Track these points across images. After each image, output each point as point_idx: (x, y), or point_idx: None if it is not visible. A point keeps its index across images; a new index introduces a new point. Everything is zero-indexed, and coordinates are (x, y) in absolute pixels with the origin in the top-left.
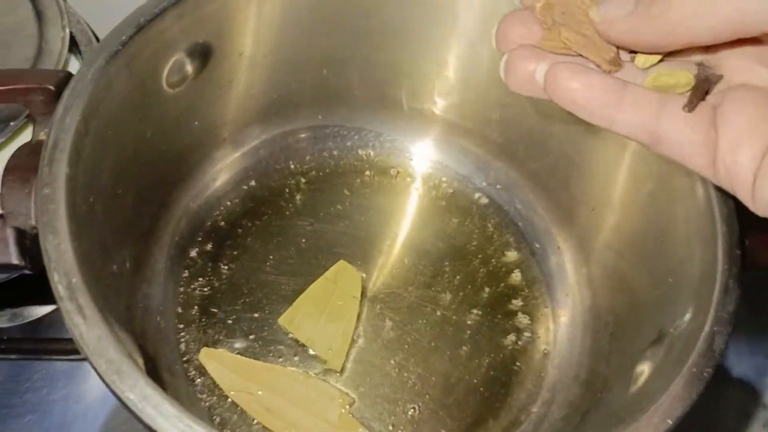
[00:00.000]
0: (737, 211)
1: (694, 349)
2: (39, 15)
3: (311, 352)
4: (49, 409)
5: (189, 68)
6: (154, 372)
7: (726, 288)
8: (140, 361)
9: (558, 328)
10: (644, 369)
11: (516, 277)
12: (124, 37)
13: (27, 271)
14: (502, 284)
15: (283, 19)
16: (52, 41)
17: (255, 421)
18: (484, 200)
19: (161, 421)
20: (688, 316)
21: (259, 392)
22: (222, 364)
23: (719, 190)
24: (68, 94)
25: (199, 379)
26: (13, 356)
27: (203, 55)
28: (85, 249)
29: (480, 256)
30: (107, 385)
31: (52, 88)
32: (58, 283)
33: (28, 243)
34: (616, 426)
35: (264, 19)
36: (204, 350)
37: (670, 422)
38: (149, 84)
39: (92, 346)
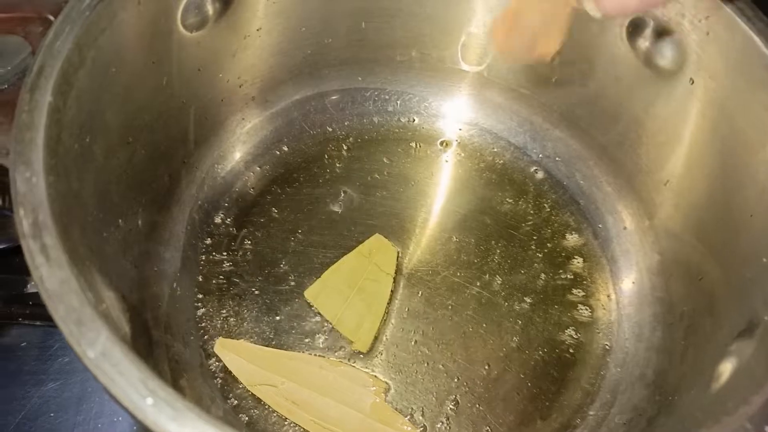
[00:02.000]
0: None
1: None
2: None
3: (338, 331)
4: (70, 379)
5: (209, 9)
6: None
7: None
8: (125, 327)
9: (622, 321)
10: (729, 366)
11: (577, 263)
12: None
13: (6, 212)
14: (561, 271)
15: None
16: None
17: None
18: (541, 174)
19: (120, 382)
20: None
21: (283, 384)
22: (240, 355)
23: None
24: (60, 20)
25: (214, 354)
26: (38, 323)
27: None
28: (70, 190)
29: (535, 237)
30: (65, 337)
31: (51, 17)
32: (23, 218)
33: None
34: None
35: None
36: (219, 341)
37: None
38: (162, 22)
39: (52, 290)
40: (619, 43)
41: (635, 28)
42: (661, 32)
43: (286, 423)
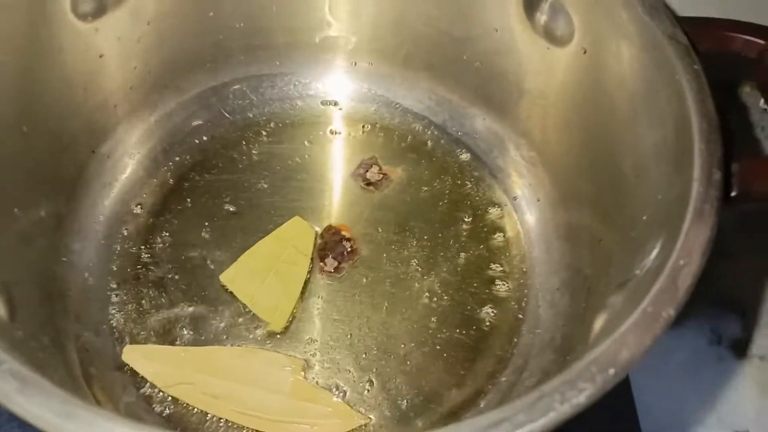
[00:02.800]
0: (723, 131)
1: (653, 288)
2: None
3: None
4: None
5: None
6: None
7: (700, 213)
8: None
9: (535, 290)
10: (603, 318)
11: (498, 238)
12: None
13: None
14: (481, 246)
15: None
16: None
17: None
18: (463, 155)
19: None
20: (655, 252)
21: (199, 380)
22: (149, 358)
23: (698, 103)
24: None
25: (128, 341)
26: None
27: None
28: None
29: (456, 213)
30: None
31: None
32: None
33: None
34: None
35: None
36: (127, 347)
37: (613, 371)
38: (49, 8)
39: None
40: (520, 19)
41: (531, 2)
42: (556, 4)
43: (207, 417)
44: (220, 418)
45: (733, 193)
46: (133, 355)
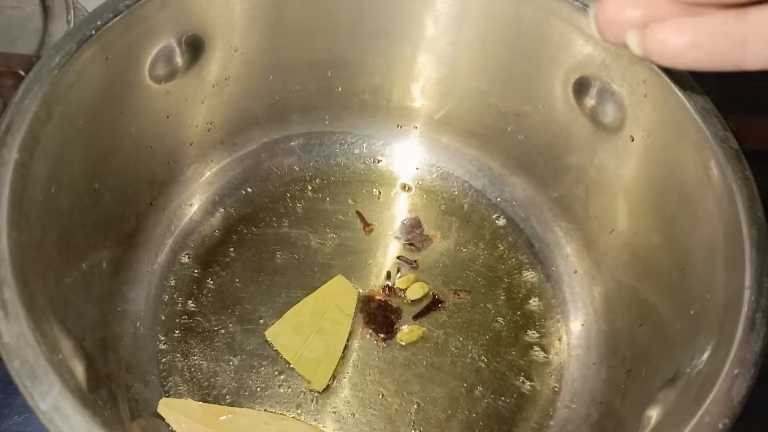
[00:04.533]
0: None
1: (710, 394)
2: (46, 9)
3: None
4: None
5: (179, 61)
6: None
7: (752, 323)
8: (81, 375)
9: (571, 362)
10: (654, 413)
11: (534, 303)
12: (98, 22)
13: None
14: (518, 312)
15: (277, 15)
16: (55, 34)
17: None
18: (500, 220)
19: None
20: (707, 355)
21: None
22: (183, 413)
23: (749, 210)
24: (30, 78)
25: (173, 393)
26: None
27: (193, 47)
28: (32, 241)
29: (495, 278)
30: (20, 390)
31: (22, 73)
32: None
33: None
34: None
35: (254, 13)
36: (163, 401)
37: None
38: (131, 75)
39: (8, 344)
40: (568, 100)
41: (581, 87)
42: (604, 92)
43: None
44: None
45: None
46: (168, 409)
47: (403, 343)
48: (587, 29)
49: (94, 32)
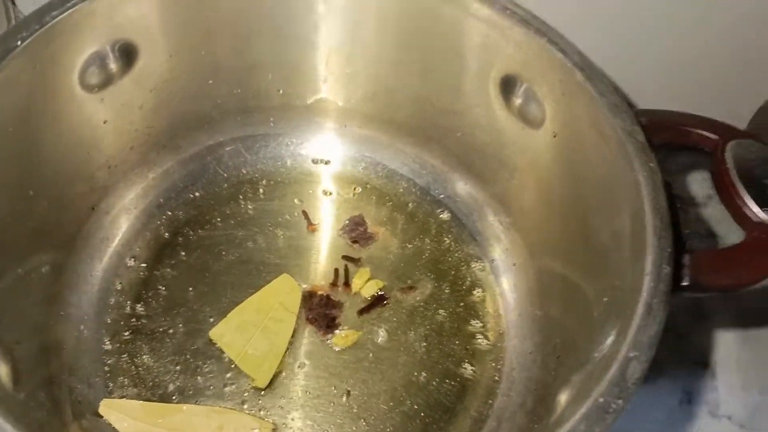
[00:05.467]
0: (674, 225)
1: (606, 376)
2: None
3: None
4: None
5: (113, 67)
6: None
7: (650, 308)
8: (3, 369)
9: (509, 352)
10: (564, 397)
11: (477, 294)
12: (24, 33)
13: None
14: (461, 303)
15: (208, 21)
16: None
17: None
18: (444, 214)
19: None
20: (611, 339)
21: None
22: (125, 413)
23: (653, 200)
24: None
25: (118, 394)
26: None
27: (126, 54)
28: None
29: (439, 272)
30: None
31: None
32: None
33: None
34: None
35: (183, 20)
36: (104, 401)
37: None
38: (61, 83)
39: None
40: (498, 99)
41: (508, 86)
42: (529, 91)
43: None
44: None
45: (684, 283)
46: (109, 410)
47: (338, 348)
48: (507, 30)
49: (20, 42)
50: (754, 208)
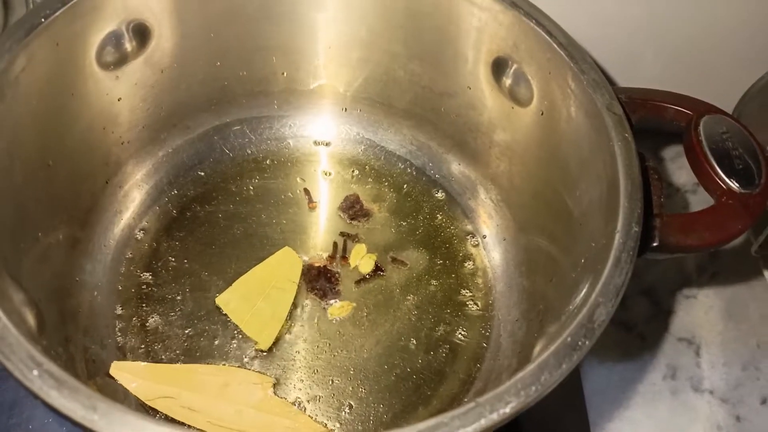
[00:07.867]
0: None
1: (575, 320)
2: (5, 3)
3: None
4: (2, 385)
5: (128, 47)
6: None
7: (618, 260)
8: (30, 316)
9: (497, 319)
10: (539, 347)
11: (468, 267)
12: (48, 11)
13: None
14: (453, 275)
15: (219, 4)
16: None
17: None
18: (439, 194)
19: (13, 358)
20: (584, 292)
21: (179, 394)
22: (134, 374)
23: (626, 167)
24: None
25: (130, 355)
26: None
27: (140, 35)
28: None
29: (433, 246)
30: None
31: None
32: None
33: None
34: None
35: (194, 2)
36: (114, 364)
37: (534, 388)
38: (80, 61)
39: None
40: (490, 80)
41: (499, 67)
42: (518, 72)
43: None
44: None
45: (654, 243)
46: (120, 371)
47: (336, 316)
48: (500, 14)
49: (43, 20)
50: (722, 177)
